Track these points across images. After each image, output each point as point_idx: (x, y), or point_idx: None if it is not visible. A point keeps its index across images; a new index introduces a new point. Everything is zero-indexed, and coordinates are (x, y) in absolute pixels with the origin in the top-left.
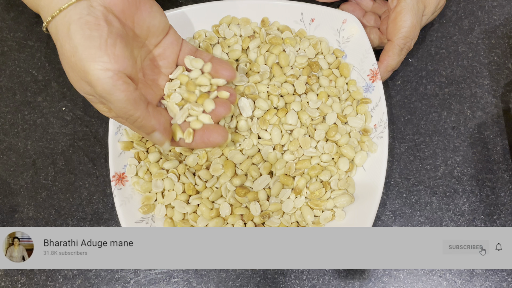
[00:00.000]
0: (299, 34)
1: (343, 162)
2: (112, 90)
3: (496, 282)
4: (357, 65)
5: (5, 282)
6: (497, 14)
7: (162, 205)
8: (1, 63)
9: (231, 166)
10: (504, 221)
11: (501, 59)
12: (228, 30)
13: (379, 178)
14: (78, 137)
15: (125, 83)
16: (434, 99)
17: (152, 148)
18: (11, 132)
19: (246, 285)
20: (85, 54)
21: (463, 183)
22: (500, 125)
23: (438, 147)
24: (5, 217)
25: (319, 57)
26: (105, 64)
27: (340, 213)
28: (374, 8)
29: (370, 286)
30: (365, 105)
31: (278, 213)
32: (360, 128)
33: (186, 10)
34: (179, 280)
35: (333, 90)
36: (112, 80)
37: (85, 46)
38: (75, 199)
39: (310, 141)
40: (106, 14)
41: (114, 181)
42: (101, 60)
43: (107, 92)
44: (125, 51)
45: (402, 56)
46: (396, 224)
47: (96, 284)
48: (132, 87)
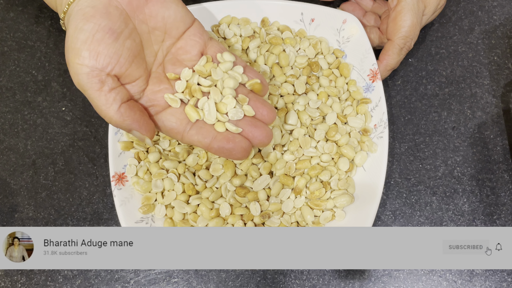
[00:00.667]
0: (299, 34)
1: (343, 162)
2: (86, 87)
3: (496, 282)
4: (357, 65)
5: (5, 282)
6: (497, 14)
7: (162, 205)
8: (1, 63)
9: (231, 166)
10: (504, 221)
11: (501, 59)
12: (228, 30)
13: (379, 178)
14: (78, 137)
15: (100, 82)
16: (434, 99)
17: (152, 148)
18: (11, 132)
19: (246, 285)
20: (71, 46)
21: (463, 183)
22: (500, 125)
23: (438, 147)
24: (5, 217)
25: (319, 57)
26: (83, 60)
27: (340, 213)
28: (374, 8)
29: (370, 286)
30: (365, 105)
31: (278, 213)
32: (360, 128)
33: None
34: (179, 280)
35: (333, 90)
36: (87, 77)
37: (73, 38)
38: (75, 199)
39: (310, 141)
40: (108, 6)
41: (114, 181)
42: (82, 55)
43: (81, 88)
44: (111, 48)
45: (402, 56)
46: (396, 224)
47: (96, 284)
48: (108, 87)
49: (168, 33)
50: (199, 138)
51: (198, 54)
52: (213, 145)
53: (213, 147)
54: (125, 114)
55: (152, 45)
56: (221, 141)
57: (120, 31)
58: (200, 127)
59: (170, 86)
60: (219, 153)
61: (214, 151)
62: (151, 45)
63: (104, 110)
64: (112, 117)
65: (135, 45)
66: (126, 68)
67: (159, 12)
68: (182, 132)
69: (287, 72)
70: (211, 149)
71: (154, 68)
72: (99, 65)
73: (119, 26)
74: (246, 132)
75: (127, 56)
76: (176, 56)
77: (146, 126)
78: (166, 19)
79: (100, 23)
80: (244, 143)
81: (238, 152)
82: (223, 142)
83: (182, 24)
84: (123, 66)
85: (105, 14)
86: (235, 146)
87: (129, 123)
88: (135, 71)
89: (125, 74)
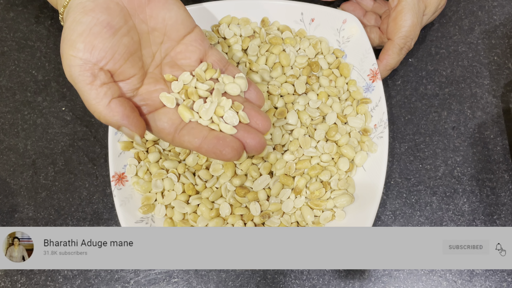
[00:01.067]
0: (299, 34)
1: (343, 162)
2: (77, 80)
3: (496, 282)
4: (357, 65)
5: (5, 282)
6: (497, 14)
7: (162, 205)
8: (1, 63)
9: (231, 166)
10: (504, 221)
11: (501, 59)
12: (228, 30)
13: (379, 178)
14: (78, 137)
15: (92, 76)
16: (434, 99)
17: (152, 148)
18: (11, 132)
19: (246, 285)
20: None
21: (463, 183)
22: (500, 125)
23: (438, 147)
24: (5, 217)
25: (319, 57)
26: (78, 52)
27: (340, 213)
28: (374, 8)
29: (370, 286)
30: (365, 105)
31: (278, 213)
32: (360, 128)
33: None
34: (179, 280)
35: (333, 90)
36: (79, 70)
37: (70, 29)
38: (75, 199)
39: (310, 141)
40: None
41: (114, 181)
42: (76, 47)
43: (73, 81)
44: (107, 43)
45: (402, 56)
46: (396, 224)
47: (96, 284)
48: (100, 81)
49: (168, 35)
50: (189, 139)
51: (197, 60)
52: (203, 145)
53: (203, 147)
54: (115, 109)
55: (150, 45)
56: (211, 140)
57: (118, 27)
58: (191, 128)
59: (166, 87)
60: (209, 153)
61: (204, 151)
62: (150, 45)
63: (94, 105)
64: (101, 111)
65: (132, 43)
66: (120, 64)
67: (160, 13)
68: (173, 133)
69: (287, 72)
70: (201, 149)
71: (151, 69)
72: (93, 59)
73: (117, 22)
74: (239, 137)
75: (123, 52)
76: (175, 60)
77: (136, 123)
78: (166, 21)
79: (99, 17)
80: (235, 143)
81: (228, 152)
82: (213, 141)
83: (182, 28)
84: (117, 62)
85: (105, 9)
86: (225, 146)
87: (119, 119)
88: (130, 69)
89: (119, 70)
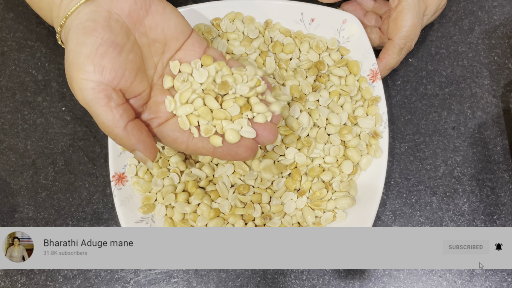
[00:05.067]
0: (298, 36)
1: (347, 165)
2: (92, 103)
3: (496, 282)
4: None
5: (5, 282)
6: (497, 14)
7: (162, 205)
8: (1, 63)
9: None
10: (504, 221)
11: (501, 59)
12: (229, 24)
13: (379, 178)
14: (78, 137)
15: (106, 97)
16: (434, 99)
17: None
18: (11, 132)
19: (246, 285)
20: (74, 61)
21: (463, 183)
22: (500, 125)
23: (438, 147)
24: (5, 217)
25: (323, 55)
26: (88, 75)
27: (341, 214)
28: (375, 8)
29: (370, 286)
30: (376, 106)
31: (279, 214)
32: (370, 129)
33: (183, 10)
34: (179, 280)
35: (344, 89)
36: (93, 92)
37: (75, 52)
38: (75, 199)
39: (316, 142)
40: (109, 19)
41: (114, 181)
42: (86, 70)
43: (87, 104)
44: (116, 62)
45: (402, 56)
46: (396, 224)
47: (96, 284)
48: (114, 102)
49: (168, 45)
50: (203, 145)
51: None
52: (218, 149)
53: (217, 151)
54: (131, 133)
55: (152, 57)
56: (226, 144)
57: (123, 44)
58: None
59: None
60: (224, 156)
61: (220, 155)
62: (151, 57)
63: (110, 127)
64: (118, 134)
65: (137, 58)
66: (131, 82)
67: (159, 23)
68: (186, 141)
69: (294, 75)
70: (216, 153)
71: (155, 80)
72: (105, 80)
73: (121, 39)
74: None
75: (131, 69)
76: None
77: (150, 148)
78: (166, 31)
79: (103, 36)
80: (249, 141)
81: (244, 152)
82: (227, 144)
83: (182, 36)
84: (128, 80)
85: (107, 27)
86: (239, 146)
87: (134, 142)
88: (139, 85)
89: (130, 88)
